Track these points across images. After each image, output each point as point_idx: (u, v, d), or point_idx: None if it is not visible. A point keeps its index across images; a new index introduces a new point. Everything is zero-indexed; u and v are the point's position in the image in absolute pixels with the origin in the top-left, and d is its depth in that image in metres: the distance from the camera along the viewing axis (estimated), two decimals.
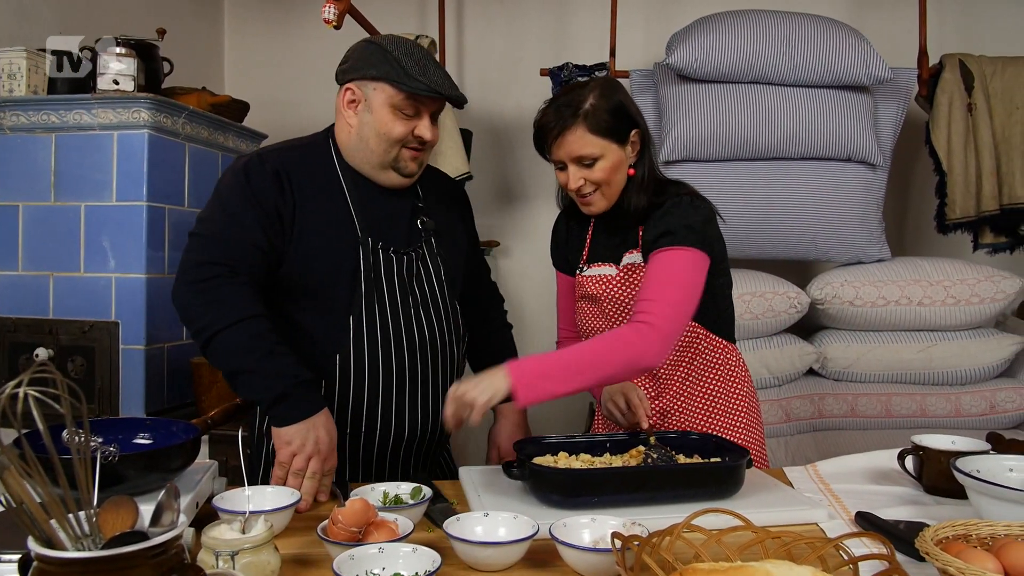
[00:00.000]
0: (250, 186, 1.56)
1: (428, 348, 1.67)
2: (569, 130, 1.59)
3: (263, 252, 1.55)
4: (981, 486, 1.25)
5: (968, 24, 3.53)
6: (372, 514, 1.15)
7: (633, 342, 1.48)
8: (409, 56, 1.57)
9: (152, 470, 1.21)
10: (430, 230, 1.72)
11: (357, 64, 1.61)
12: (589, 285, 1.74)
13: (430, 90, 1.55)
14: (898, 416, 2.83)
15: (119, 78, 2.55)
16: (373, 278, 1.61)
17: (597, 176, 1.62)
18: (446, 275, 1.73)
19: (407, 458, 1.70)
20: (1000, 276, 2.86)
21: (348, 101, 1.63)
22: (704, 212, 1.65)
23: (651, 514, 1.29)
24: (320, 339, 1.60)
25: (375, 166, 1.64)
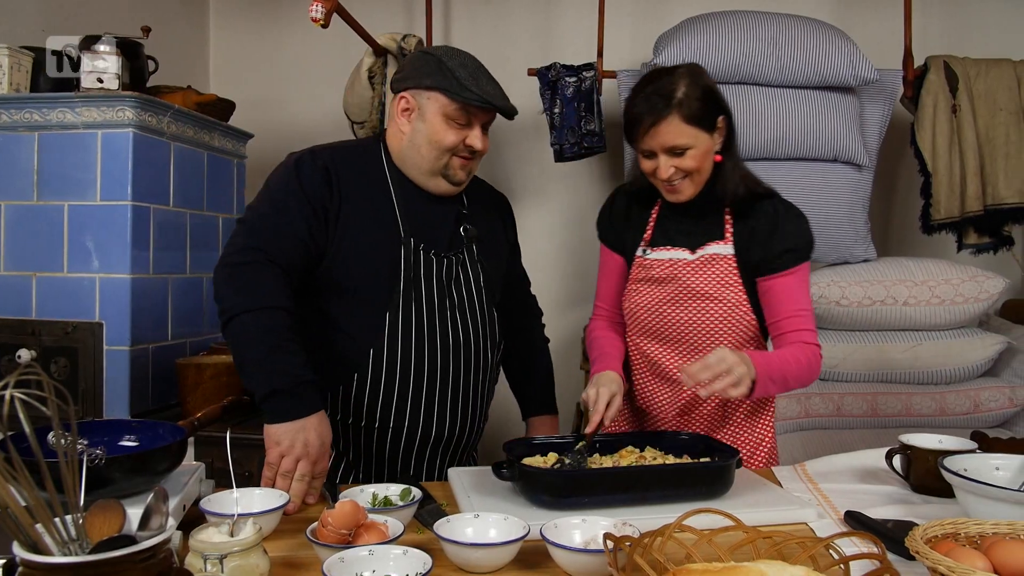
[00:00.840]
0: (299, 180, 1.60)
1: (462, 351, 1.69)
2: (664, 120, 1.58)
3: (304, 245, 1.58)
4: (968, 485, 1.26)
5: (952, 26, 3.56)
6: (362, 516, 1.14)
7: (815, 368, 1.65)
8: (463, 67, 1.61)
9: (139, 472, 1.20)
10: (472, 237, 1.75)
11: (412, 73, 1.65)
12: (656, 268, 1.72)
13: (482, 101, 1.59)
14: (884, 415, 2.85)
15: (103, 76, 2.53)
16: (412, 277, 1.64)
17: (688, 164, 1.62)
18: (485, 282, 1.76)
19: (433, 458, 1.72)
20: (984, 276, 2.88)
21: (402, 109, 1.67)
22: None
23: (641, 514, 1.29)
24: (356, 333, 1.63)
25: (425, 173, 1.67)
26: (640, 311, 1.75)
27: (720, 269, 1.69)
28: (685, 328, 1.71)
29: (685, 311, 1.70)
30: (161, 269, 2.73)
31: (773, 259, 1.67)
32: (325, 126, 3.60)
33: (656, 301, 1.73)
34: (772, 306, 1.69)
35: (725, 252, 1.69)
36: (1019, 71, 3.11)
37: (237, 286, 1.51)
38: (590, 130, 3.18)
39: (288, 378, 1.44)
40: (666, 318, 1.72)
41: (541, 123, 3.34)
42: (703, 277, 1.69)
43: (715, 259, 1.69)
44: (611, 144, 3.32)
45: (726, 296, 1.68)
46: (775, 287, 1.68)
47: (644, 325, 1.75)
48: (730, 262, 1.69)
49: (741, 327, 1.70)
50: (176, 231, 2.83)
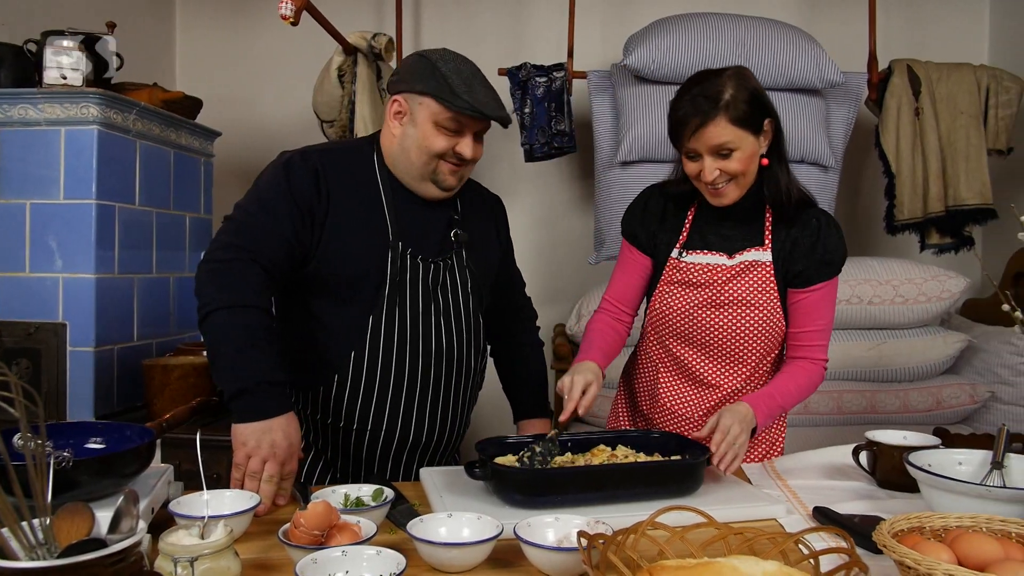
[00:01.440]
0: (288, 181, 1.59)
1: (444, 356, 1.68)
2: (712, 122, 1.55)
3: (289, 246, 1.57)
4: (933, 480, 1.29)
5: (913, 31, 3.64)
6: (335, 517, 1.13)
7: (816, 384, 1.72)
8: (457, 74, 1.58)
9: (106, 475, 1.18)
10: (463, 242, 1.74)
11: (406, 76, 1.63)
12: (693, 272, 1.70)
13: (473, 110, 1.56)
14: (849, 413, 2.89)
15: (67, 72, 2.48)
16: (398, 281, 1.63)
17: (734, 167, 1.59)
18: (473, 287, 1.75)
19: (411, 461, 1.72)
20: (946, 275, 2.94)
21: (395, 112, 1.65)
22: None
23: (614, 512, 1.30)
24: (339, 334, 1.63)
25: (415, 177, 1.66)
26: (673, 314, 1.73)
27: (758, 277, 1.68)
28: (718, 334, 1.70)
29: (720, 317, 1.69)
30: (127, 269, 2.68)
31: (811, 272, 1.67)
32: (294, 124, 3.57)
33: (691, 305, 1.71)
34: (797, 318, 1.70)
35: (764, 259, 1.68)
36: (979, 76, 3.18)
37: (218, 283, 1.50)
38: (560, 130, 3.19)
39: (257, 378, 1.43)
40: (699, 323, 1.70)
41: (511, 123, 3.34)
42: (741, 285, 1.68)
43: (753, 266, 1.68)
44: (581, 144, 3.34)
45: (763, 304, 1.67)
46: (807, 301, 1.68)
47: (675, 328, 1.73)
48: (768, 269, 1.68)
49: (773, 333, 1.71)
50: (142, 230, 2.79)
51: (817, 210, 1.70)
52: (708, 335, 1.71)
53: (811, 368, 1.71)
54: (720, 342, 1.71)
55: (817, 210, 1.70)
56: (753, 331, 1.69)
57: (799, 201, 1.67)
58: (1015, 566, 0.96)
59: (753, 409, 1.58)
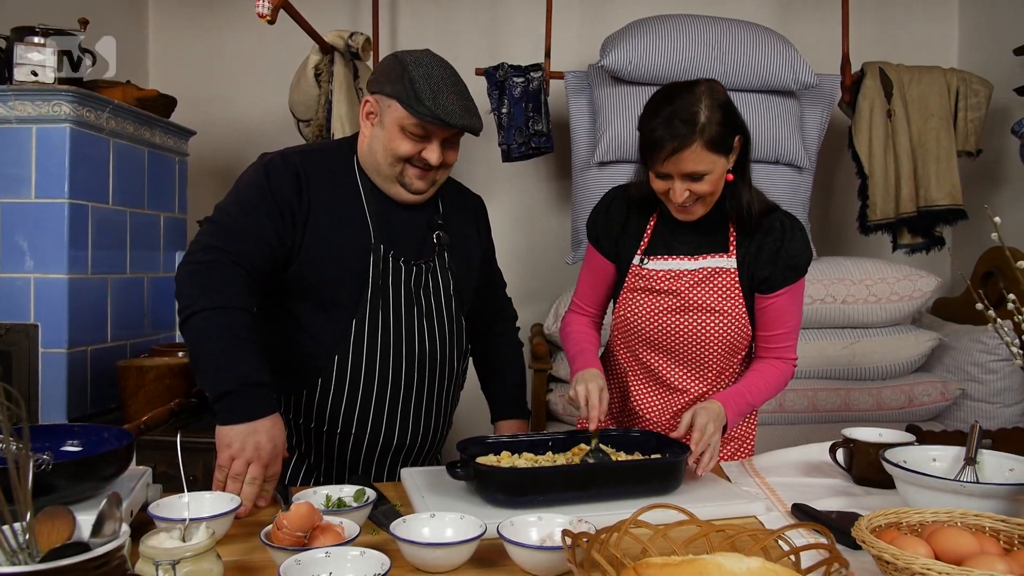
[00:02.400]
0: (269, 184, 1.58)
1: (427, 359, 1.68)
2: (687, 148, 1.52)
3: (271, 248, 1.55)
4: (908, 476, 1.31)
5: (884, 34, 3.69)
6: (317, 518, 1.13)
7: (785, 382, 1.76)
8: (427, 79, 1.55)
9: (84, 478, 1.16)
10: (444, 244, 1.73)
11: (379, 77, 1.62)
12: (656, 279, 1.69)
13: (435, 118, 1.53)
14: (824, 411, 2.93)
15: (38, 69, 2.45)
16: (381, 284, 1.62)
17: (703, 189, 1.57)
18: (455, 289, 1.74)
19: (395, 464, 1.71)
20: (917, 275, 2.99)
21: (367, 112, 1.65)
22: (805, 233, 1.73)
23: (596, 511, 1.31)
24: (321, 338, 1.61)
25: (382, 179, 1.65)
26: (637, 320, 1.72)
27: (723, 283, 1.68)
28: (683, 339, 1.70)
29: (685, 323, 1.69)
30: (100, 269, 2.65)
31: (777, 277, 1.67)
32: (270, 124, 3.55)
33: (655, 311, 1.70)
34: (766, 322, 1.71)
35: (728, 266, 1.68)
36: (949, 79, 3.24)
37: (199, 285, 1.48)
38: (538, 130, 3.20)
39: (241, 379, 1.42)
40: (665, 329, 1.71)
41: (488, 123, 3.34)
42: (706, 291, 1.68)
43: (718, 272, 1.68)
44: (558, 144, 3.35)
45: (727, 310, 1.68)
46: (775, 305, 1.69)
47: (641, 334, 1.73)
48: (732, 276, 1.67)
49: (738, 339, 1.71)
50: (116, 230, 2.75)
51: (781, 213, 1.70)
52: (673, 341, 1.71)
53: (782, 367, 1.73)
54: (685, 347, 1.71)
55: (781, 213, 1.70)
56: (718, 336, 1.69)
57: (760, 212, 1.67)
58: (990, 559, 0.98)
59: (724, 407, 1.59)
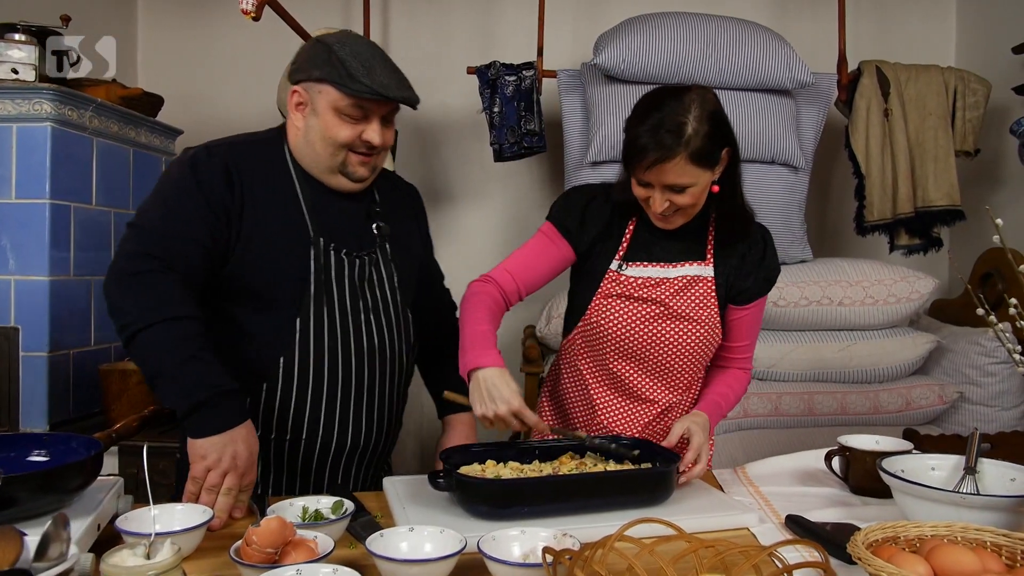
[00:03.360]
0: (196, 179, 1.49)
1: (377, 355, 1.61)
2: (671, 160, 1.47)
3: (204, 249, 1.48)
4: (906, 487, 1.26)
5: (881, 32, 3.65)
6: (289, 533, 1.08)
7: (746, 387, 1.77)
8: (355, 56, 1.49)
9: (47, 491, 1.11)
10: (385, 235, 1.66)
11: (304, 64, 1.55)
12: (636, 286, 1.64)
13: (373, 93, 1.48)
14: (820, 414, 2.88)
15: (18, 67, 2.40)
16: (324, 280, 1.55)
17: (684, 201, 1.54)
18: (399, 281, 1.68)
19: (348, 468, 1.64)
20: (915, 276, 2.95)
21: (296, 104, 1.57)
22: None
23: (582, 523, 1.27)
24: (265, 340, 1.54)
25: (323, 170, 1.57)
26: (614, 328, 1.66)
27: (701, 292, 1.65)
28: (659, 348, 1.66)
29: (664, 332, 1.65)
30: (83, 271, 2.60)
31: (756, 289, 1.68)
32: (258, 123, 3.44)
33: (634, 319, 1.65)
34: (737, 333, 1.71)
35: (705, 274, 1.65)
36: (946, 78, 3.19)
37: (137, 298, 1.40)
38: (530, 130, 3.15)
39: (210, 389, 1.36)
40: (642, 337, 1.65)
41: (480, 122, 3.30)
42: (685, 299, 1.64)
43: (696, 281, 1.65)
44: (551, 144, 3.30)
45: (705, 319, 1.64)
46: (749, 317, 1.70)
47: (614, 342, 1.67)
48: (709, 284, 1.65)
49: (711, 348, 1.69)
50: (99, 231, 2.70)
51: (758, 224, 1.70)
52: (649, 350, 1.66)
53: (744, 377, 1.76)
54: (660, 356, 1.66)
55: (758, 224, 1.70)
56: (694, 346, 1.66)
57: (745, 225, 1.65)
58: None
59: (709, 419, 1.61)
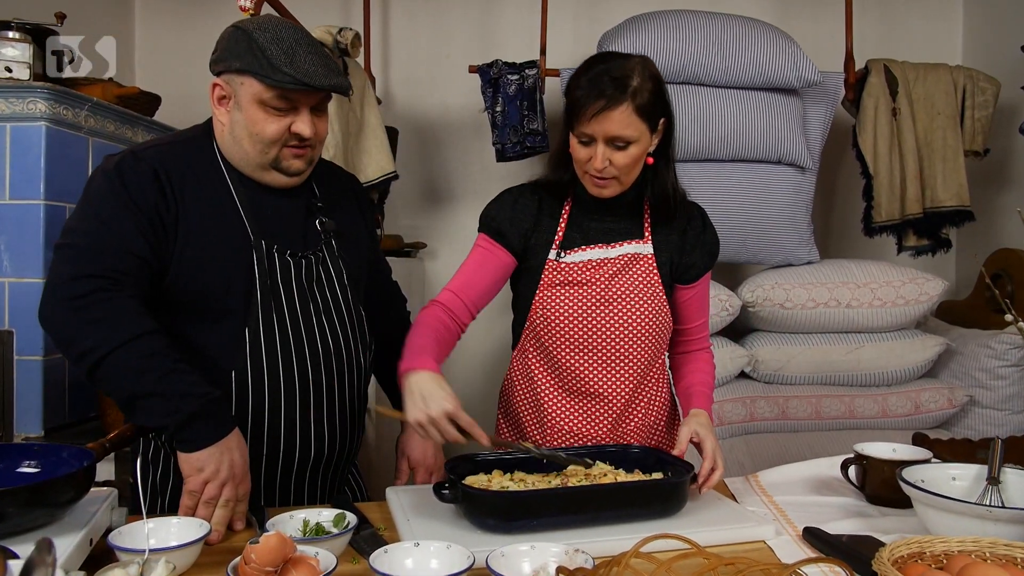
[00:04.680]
0: (125, 188, 1.38)
1: (333, 358, 1.53)
2: (617, 108, 1.47)
3: (145, 262, 1.38)
4: (928, 498, 1.22)
5: (886, 31, 3.60)
6: (289, 549, 1.04)
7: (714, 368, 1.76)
8: (277, 43, 1.38)
9: (37, 505, 1.07)
10: (330, 231, 1.57)
11: (223, 55, 1.44)
12: (575, 271, 1.62)
13: (296, 83, 1.37)
14: (828, 418, 2.84)
15: (12, 65, 2.35)
16: (270, 285, 1.46)
17: (623, 161, 1.52)
18: (349, 279, 1.59)
19: (314, 479, 1.57)
20: (924, 278, 2.90)
21: (219, 98, 1.47)
22: None
23: (593, 536, 1.22)
24: (213, 355, 1.44)
25: (254, 167, 1.48)
26: (557, 317, 1.63)
27: (642, 270, 1.64)
28: (608, 333, 1.62)
29: (609, 315, 1.62)
30: None
31: (701, 263, 1.68)
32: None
33: (578, 305, 1.62)
34: (690, 313, 1.72)
35: (644, 252, 1.65)
36: (955, 76, 3.15)
37: (88, 323, 1.30)
38: (533, 129, 3.11)
39: (200, 399, 1.31)
40: (589, 323, 1.62)
41: (482, 122, 3.26)
42: (626, 279, 1.63)
43: (636, 259, 1.64)
44: (554, 144, 3.25)
45: (649, 298, 1.63)
46: (699, 294, 1.71)
47: (561, 332, 1.63)
48: (650, 262, 1.64)
49: (661, 330, 1.67)
50: None
51: (692, 203, 1.72)
52: (598, 336, 1.63)
53: (709, 357, 1.76)
54: (610, 342, 1.63)
55: (692, 203, 1.72)
56: (642, 328, 1.63)
57: (680, 201, 1.67)
58: None
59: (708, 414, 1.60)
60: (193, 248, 1.42)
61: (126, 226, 1.37)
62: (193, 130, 1.58)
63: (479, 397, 2.97)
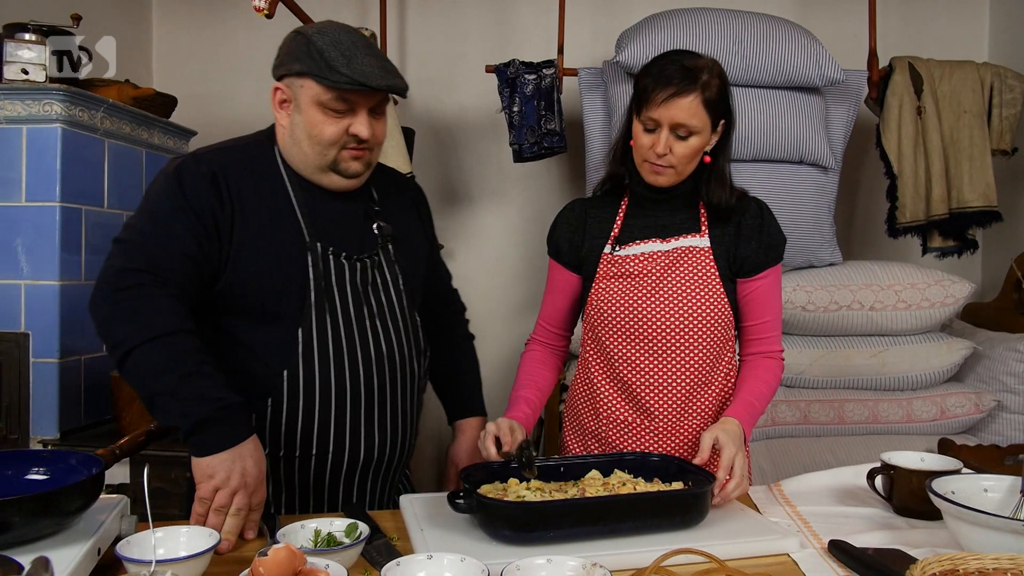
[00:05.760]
0: (183, 191, 1.41)
1: (386, 363, 1.52)
2: (686, 96, 1.52)
3: (195, 263, 1.40)
4: (959, 511, 1.17)
5: (910, 28, 3.54)
6: (299, 563, 1.01)
7: (779, 380, 1.68)
8: (335, 45, 1.41)
9: (44, 514, 1.05)
10: (387, 235, 1.58)
11: (284, 59, 1.47)
12: (629, 263, 1.64)
13: (355, 83, 1.39)
14: (851, 423, 2.79)
15: (29, 67, 2.35)
16: (324, 287, 1.47)
17: (683, 151, 1.56)
18: (405, 284, 1.59)
19: (363, 483, 1.55)
20: (949, 280, 2.84)
21: (280, 101, 1.50)
22: None
23: (612, 549, 1.19)
24: (266, 355, 1.45)
25: (314, 169, 1.50)
26: (612, 308, 1.63)
27: (697, 263, 1.62)
28: (661, 326, 1.60)
29: (661, 306, 1.60)
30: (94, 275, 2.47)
31: (760, 256, 1.64)
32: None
33: (630, 296, 1.62)
34: (752, 309, 1.67)
35: (701, 245, 1.63)
36: (982, 74, 3.08)
37: (128, 316, 1.32)
38: (550, 129, 3.07)
39: (214, 404, 1.29)
40: (641, 314, 1.61)
41: (499, 122, 3.22)
42: (680, 272, 1.62)
43: (690, 252, 1.63)
44: (572, 144, 3.22)
45: (704, 292, 1.61)
46: (760, 289, 1.65)
47: (616, 325, 1.63)
48: (706, 256, 1.63)
49: (717, 323, 1.62)
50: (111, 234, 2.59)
51: (752, 197, 1.70)
52: (650, 329, 1.61)
53: (774, 366, 1.68)
54: (663, 336, 1.61)
55: (752, 197, 1.70)
56: (695, 319, 1.60)
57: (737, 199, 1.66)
58: None
59: (741, 424, 1.53)
60: (249, 250, 1.44)
61: (179, 227, 1.39)
62: (257, 135, 1.60)
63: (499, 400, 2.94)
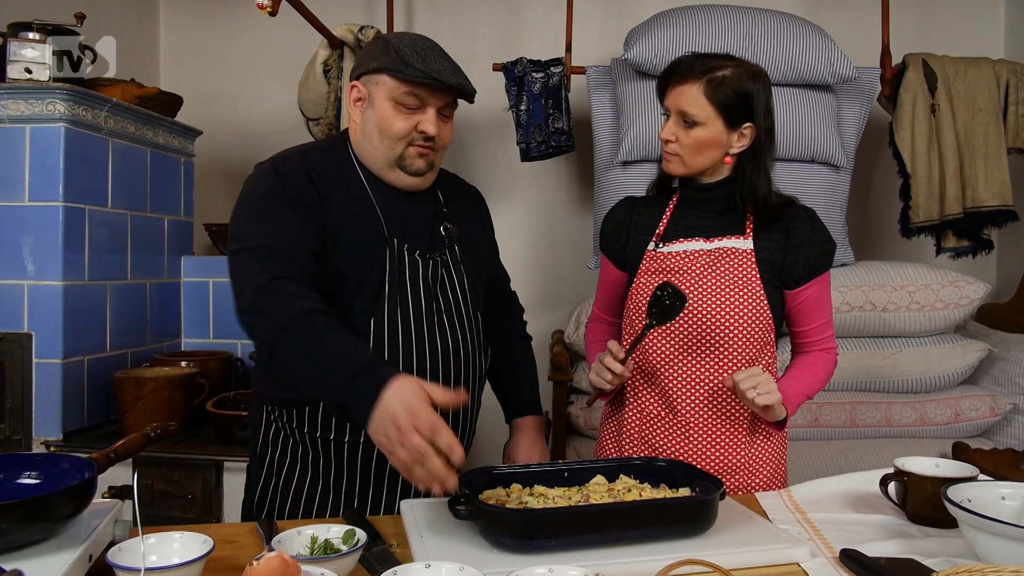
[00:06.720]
0: (283, 186, 1.48)
1: (452, 358, 1.56)
2: (687, 84, 1.58)
3: (312, 252, 1.46)
4: (977, 520, 1.14)
5: (924, 24, 3.49)
6: (292, 571, 0.98)
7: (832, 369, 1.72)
8: (412, 47, 1.50)
9: (33, 520, 1.03)
10: (454, 236, 1.63)
11: (363, 59, 1.56)
12: (670, 260, 1.65)
13: (427, 77, 1.46)
14: (863, 426, 2.74)
15: (32, 66, 2.34)
16: (397, 280, 1.52)
17: (686, 140, 1.59)
18: (469, 284, 1.64)
19: None
20: (964, 281, 2.79)
21: (355, 99, 1.57)
22: None
23: (616, 557, 1.15)
24: None
25: (382, 165, 1.56)
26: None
27: (738, 264, 1.62)
28: (697, 322, 1.59)
29: (697, 302, 1.60)
30: (98, 275, 2.54)
31: (813, 262, 1.64)
32: (279, 122, 3.42)
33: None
34: (807, 315, 1.68)
35: (743, 247, 1.63)
36: (998, 71, 3.03)
37: (267, 310, 1.35)
38: (558, 128, 3.04)
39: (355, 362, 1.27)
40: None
41: (507, 121, 3.20)
42: (720, 272, 1.61)
43: (732, 253, 1.62)
44: (580, 143, 3.19)
45: (744, 294, 1.60)
46: (812, 295, 1.66)
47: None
48: (748, 258, 1.62)
49: (755, 325, 1.60)
50: (115, 234, 2.64)
51: (801, 205, 1.70)
52: (687, 325, 1.61)
53: (827, 357, 1.71)
54: (699, 333, 1.60)
55: (801, 205, 1.70)
56: (735, 321, 1.59)
57: (780, 204, 1.66)
58: None
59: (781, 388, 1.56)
60: (337, 242, 1.49)
61: (294, 220, 1.46)
62: (330, 138, 1.69)
63: None
